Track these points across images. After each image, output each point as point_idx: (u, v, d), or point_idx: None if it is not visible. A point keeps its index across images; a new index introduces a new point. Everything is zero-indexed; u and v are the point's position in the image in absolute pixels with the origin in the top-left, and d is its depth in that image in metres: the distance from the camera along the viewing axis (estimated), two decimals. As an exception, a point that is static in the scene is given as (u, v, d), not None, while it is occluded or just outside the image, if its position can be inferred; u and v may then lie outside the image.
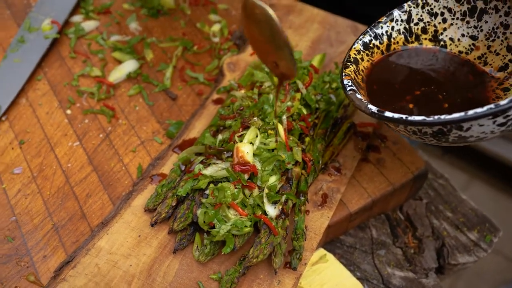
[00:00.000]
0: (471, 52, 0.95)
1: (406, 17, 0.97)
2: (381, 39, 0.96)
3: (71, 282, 0.83)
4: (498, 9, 0.90)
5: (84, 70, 1.19)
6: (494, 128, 0.75)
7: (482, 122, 0.73)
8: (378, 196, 1.00)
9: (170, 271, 0.85)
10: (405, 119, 0.75)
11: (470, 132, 0.75)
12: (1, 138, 1.07)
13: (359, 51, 0.93)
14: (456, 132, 0.76)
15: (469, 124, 0.74)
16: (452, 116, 0.71)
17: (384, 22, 0.96)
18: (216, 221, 0.82)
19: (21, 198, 0.97)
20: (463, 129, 0.75)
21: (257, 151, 0.89)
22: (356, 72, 0.90)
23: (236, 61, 1.18)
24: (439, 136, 0.79)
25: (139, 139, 1.07)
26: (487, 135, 0.77)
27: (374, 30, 0.95)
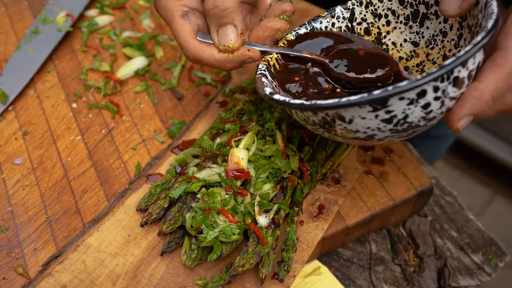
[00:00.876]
0: (411, 59, 0.91)
1: (349, 15, 0.93)
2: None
3: (57, 277, 0.83)
4: (438, 15, 0.87)
5: (93, 64, 1.19)
6: (379, 125, 0.71)
7: (363, 114, 0.70)
8: (378, 210, 0.97)
9: (156, 274, 0.84)
10: (287, 102, 0.73)
11: (355, 125, 0.72)
12: (6, 128, 1.08)
13: (290, 41, 0.90)
14: (340, 124, 0.73)
15: (350, 115, 0.70)
16: (326, 102, 0.68)
17: (324, 17, 0.93)
18: (204, 226, 0.80)
19: (18, 189, 0.98)
20: (345, 120, 0.71)
21: (252, 158, 0.87)
22: (280, 61, 0.88)
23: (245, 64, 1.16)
24: (327, 127, 0.75)
25: (141, 137, 1.06)
26: (375, 132, 0.73)
27: (312, 24, 0.92)
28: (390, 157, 1.04)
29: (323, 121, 0.74)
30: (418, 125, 0.73)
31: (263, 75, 0.82)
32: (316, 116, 0.74)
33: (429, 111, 0.70)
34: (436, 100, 0.69)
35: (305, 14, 1.28)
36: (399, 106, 0.68)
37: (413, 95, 0.67)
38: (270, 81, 0.82)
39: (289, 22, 0.88)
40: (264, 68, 0.84)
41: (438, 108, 0.71)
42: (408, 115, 0.70)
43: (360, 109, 0.69)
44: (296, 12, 1.28)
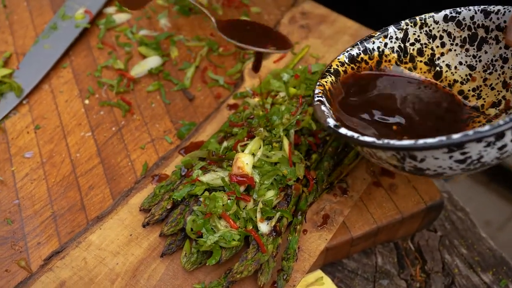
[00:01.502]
0: (466, 83, 0.89)
1: (402, 36, 0.91)
2: (371, 54, 0.91)
3: (57, 273, 0.83)
4: (498, 40, 0.84)
5: (108, 61, 1.20)
6: (452, 165, 0.70)
7: (437, 155, 0.68)
8: (384, 223, 0.95)
9: (155, 275, 0.83)
10: (356, 139, 0.71)
11: (426, 164, 0.71)
12: (19, 121, 1.09)
13: (343, 63, 0.89)
14: (410, 162, 0.71)
15: (423, 155, 0.69)
16: (401, 143, 0.67)
17: (377, 37, 0.91)
18: (204, 230, 0.79)
19: (27, 182, 0.99)
20: (417, 159, 0.70)
21: (257, 163, 0.86)
22: (334, 84, 0.86)
23: (258, 67, 1.15)
24: (394, 163, 0.74)
25: (150, 136, 1.06)
26: (446, 171, 0.72)
27: (365, 44, 0.90)
28: (401, 169, 1.02)
29: (392, 158, 0.73)
30: (490, 164, 0.72)
31: (321, 102, 0.79)
32: (385, 153, 0.73)
33: (505, 151, 0.69)
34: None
35: (323, 20, 1.26)
36: (475, 148, 0.67)
37: (491, 138, 0.66)
38: (328, 108, 0.80)
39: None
40: (320, 94, 0.81)
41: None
42: (483, 156, 0.69)
43: (435, 151, 0.67)
44: (314, 17, 1.27)
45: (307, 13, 1.28)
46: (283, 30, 1.24)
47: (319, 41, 1.22)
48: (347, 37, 1.23)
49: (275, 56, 1.17)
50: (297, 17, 1.27)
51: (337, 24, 1.25)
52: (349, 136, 0.72)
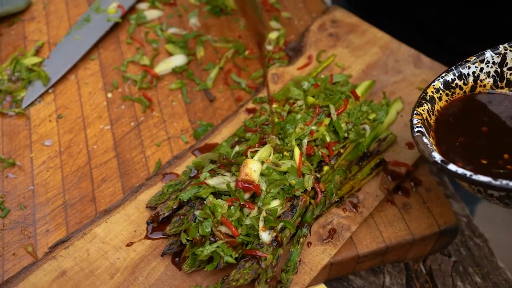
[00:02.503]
0: None
1: (500, 60, 0.88)
2: (465, 80, 0.87)
3: (60, 261, 0.84)
4: None
5: (134, 57, 1.21)
6: None
7: None
8: (393, 243, 0.92)
9: (154, 273, 0.84)
10: (469, 177, 0.68)
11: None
12: (43, 109, 1.12)
13: (438, 89, 0.86)
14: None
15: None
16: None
17: (473, 62, 0.87)
18: (199, 236, 0.79)
19: (43, 170, 1.01)
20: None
21: (266, 171, 0.85)
22: (430, 112, 0.83)
23: (282, 73, 1.14)
24: (506, 202, 0.71)
25: (167, 134, 1.07)
26: None
27: (460, 69, 0.87)
28: (417, 189, 0.98)
29: (506, 197, 0.70)
30: None
31: (421, 134, 0.76)
32: (498, 192, 0.70)
33: None
34: None
35: (353, 29, 1.24)
36: None
37: None
38: (429, 139, 0.76)
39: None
40: (419, 124, 0.78)
41: None
42: None
43: None
44: (344, 26, 1.24)
45: (338, 21, 1.26)
46: (311, 37, 1.22)
47: (347, 50, 1.19)
48: (376, 48, 1.20)
49: (299, 63, 1.16)
50: (327, 25, 1.25)
51: (367, 34, 1.23)
52: (459, 174, 0.68)
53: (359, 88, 1.06)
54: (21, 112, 1.10)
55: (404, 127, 1.04)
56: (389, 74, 1.15)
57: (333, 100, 0.96)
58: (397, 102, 1.06)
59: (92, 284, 0.82)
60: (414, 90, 1.11)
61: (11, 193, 0.97)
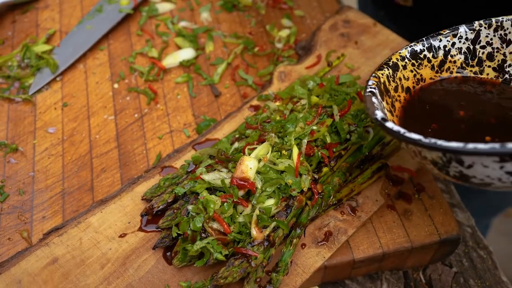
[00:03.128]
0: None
1: (473, 37, 0.85)
2: (435, 53, 0.86)
3: (52, 248, 0.84)
4: None
5: (143, 49, 1.21)
6: (501, 176, 0.64)
7: (486, 162, 0.63)
8: (391, 250, 0.89)
9: (144, 266, 0.83)
10: (402, 134, 0.67)
11: (473, 171, 0.65)
12: (50, 97, 1.12)
13: (403, 57, 0.84)
14: (456, 166, 0.66)
15: (471, 161, 0.64)
16: (449, 144, 0.62)
17: (445, 35, 0.85)
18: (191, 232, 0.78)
19: (44, 157, 1.02)
20: (464, 164, 0.65)
21: (262, 169, 0.84)
22: (390, 78, 0.82)
23: (289, 72, 1.12)
24: (439, 165, 0.69)
25: (170, 127, 1.06)
26: (494, 182, 0.66)
27: (430, 41, 0.85)
28: (419, 196, 0.96)
29: (438, 160, 0.69)
30: None
31: (372, 94, 0.76)
32: (430, 153, 0.69)
33: None
34: None
35: (366, 30, 1.21)
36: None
37: None
38: (379, 101, 0.77)
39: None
40: (374, 85, 0.78)
41: None
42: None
43: (486, 158, 0.63)
44: (357, 26, 1.22)
45: (350, 22, 1.24)
46: (322, 36, 1.20)
47: (358, 51, 1.17)
48: (387, 50, 1.17)
49: (308, 62, 1.14)
50: (339, 25, 1.23)
51: (379, 36, 1.20)
52: (394, 131, 0.68)
53: (366, 90, 1.03)
54: (27, 98, 1.11)
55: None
56: (399, 77, 1.12)
57: (337, 100, 0.94)
58: (404, 106, 1.04)
59: (82, 273, 0.82)
60: (423, 95, 1.08)
61: (11, 178, 0.98)
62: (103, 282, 0.81)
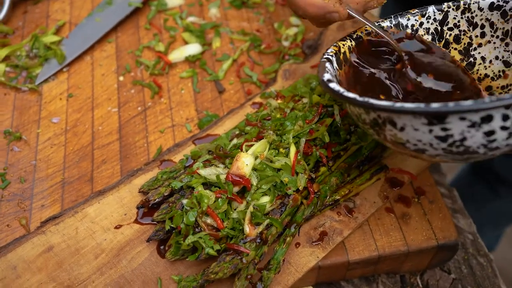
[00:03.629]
0: (497, 79, 0.82)
1: (441, 18, 0.86)
2: (402, 31, 0.86)
3: (48, 237, 0.85)
4: None
5: (150, 42, 1.22)
6: (432, 141, 0.64)
7: (416, 125, 0.64)
8: (387, 252, 0.89)
9: (138, 258, 0.83)
10: (340, 93, 0.69)
11: (405, 134, 0.66)
12: (56, 87, 1.14)
13: (369, 32, 0.86)
14: (391, 130, 0.67)
15: (402, 123, 0.65)
16: (379, 102, 0.63)
17: (414, 14, 0.86)
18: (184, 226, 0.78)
19: (47, 146, 1.03)
20: (396, 126, 0.66)
21: (259, 166, 0.83)
22: (353, 50, 0.84)
23: (294, 70, 1.12)
24: (376, 129, 0.70)
25: (172, 121, 1.07)
26: (426, 148, 0.66)
27: (398, 19, 0.86)
28: (419, 199, 0.95)
29: (374, 122, 0.70)
30: (476, 151, 0.65)
31: (328, 60, 0.79)
32: (368, 116, 0.70)
33: (492, 139, 0.63)
34: (503, 130, 0.61)
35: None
36: (457, 126, 0.62)
37: (476, 118, 0.60)
38: (334, 68, 0.78)
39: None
40: (332, 53, 0.80)
41: (504, 139, 0.63)
42: (466, 138, 0.63)
43: (414, 119, 0.64)
44: (364, 26, 1.21)
45: (359, 22, 1.22)
46: (328, 35, 1.19)
47: (364, 52, 1.16)
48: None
49: (313, 61, 1.14)
50: (347, 24, 1.22)
51: (387, 37, 1.19)
52: (335, 91, 0.70)
53: (370, 90, 1.03)
54: (34, 88, 1.12)
55: (413, 135, 1.01)
56: (405, 79, 1.11)
57: (339, 100, 0.94)
58: (408, 108, 1.03)
59: (76, 262, 0.82)
60: (429, 98, 1.07)
61: (14, 165, 0.99)
62: (96, 272, 0.82)
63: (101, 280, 0.81)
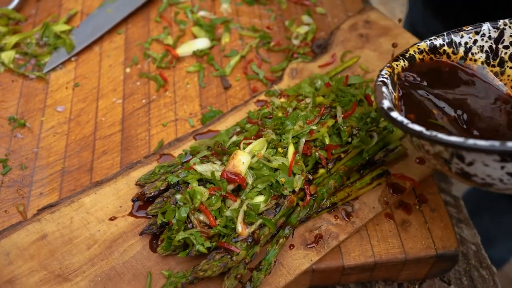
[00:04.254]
0: None
1: (497, 36, 0.82)
2: (455, 49, 0.83)
3: (43, 224, 0.86)
4: None
5: (159, 35, 1.21)
6: (503, 177, 0.63)
7: (487, 161, 0.62)
8: (383, 259, 0.87)
9: (130, 251, 0.83)
10: (405, 125, 0.67)
11: (474, 169, 0.65)
12: (63, 76, 1.14)
13: (422, 50, 0.83)
14: (458, 163, 0.66)
15: (471, 158, 0.63)
16: (449, 138, 0.62)
17: (467, 32, 0.83)
18: (175, 222, 0.78)
19: (50, 134, 1.03)
20: (464, 161, 0.64)
21: (255, 165, 0.82)
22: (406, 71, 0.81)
23: (301, 69, 1.10)
24: (442, 161, 0.69)
25: (175, 115, 1.06)
26: (495, 183, 0.65)
27: (452, 36, 0.83)
28: (420, 207, 0.92)
29: (440, 154, 0.68)
30: None
31: (384, 83, 0.75)
32: (433, 148, 0.68)
33: None
34: None
35: (386, 33, 1.18)
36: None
37: None
38: (390, 91, 0.76)
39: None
40: (387, 75, 0.77)
41: None
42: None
43: (486, 156, 0.62)
44: (377, 28, 1.19)
45: (371, 23, 1.20)
46: (340, 36, 1.17)
47: (375, 54, 1.14)
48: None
49: (322, 60, 1.12)
50: (359, 25, 1.20)
51: (399, 39, 1.16)
52: (398, 121, 0.68)
53: (376, 93, 1.00)
54: (41, 76, 1.13)
55: (418, 141, 0.98)
56: (415, 83, 1.08)
57: (342, 101, 0.92)
58: (416, 113, 1.00)
59: (69, 252, 0.83)
60: (438, 103, 1.04)
61: (16, 152, 1.00)
62: (87, 263, 0.82)
63: (92, 271, 0.81)
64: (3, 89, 1.11)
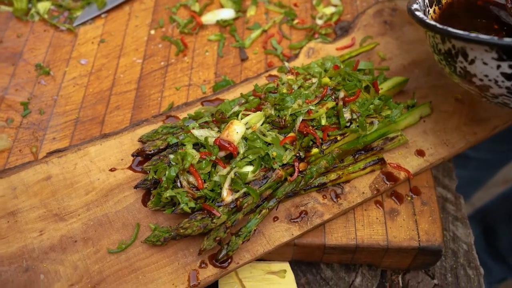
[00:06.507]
0: None
1: None
2: None
3: (49, 167, 0.92)
4: None
5: (187, 1, 1.24)
6: (498, 77, 0.71)
7: (486, 59, 0.70)
8: (365, 244, 0.88)
9: (123, 202, 0.88)
10: (423, 20, 0.76)
11: (474, 68, 0.73)
12: (91, 31, 1.19)
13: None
14: (462, 61, 0.75)
15: (473, 55, 0.72)
16: (456, 31, 0.70)
17: None
18: (165, 180, 0.82)
19: (70, 84, 1.09)
20: (467, 58, 0.73)
21: (250, 136, 0.85)
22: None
23: (318, 49, 1.11)
24: (449, 60, 0.78)
25: (190, 80, 1.10)
26: (491, 84, 0.73)
27: None
28: (412, 199, 0.93)
29: (448, 52, 0.77)
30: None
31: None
32: (443, 45, 0.78)
33: None
34: None
35: (411, 22, 1.16)
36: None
37: None
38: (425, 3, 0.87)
39: None
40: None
41: None
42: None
43: (485, 53, 0.70)
44: (403, 17, 1.17)
45: (398, 11, 1.19)
46: (363, 20, 1.17)
47: (396, 42, 1.13)
48: (427, 47, 1.12)
49: (341, 42, 1.12)
50: (385, 11, 1.19)
51: (422, 31, 1.15)
52: (420, 17, 0.77)
53: (387, 82, 1.00)
54: (71, 29, 1.18)
55: (422, 133, 0.98)
56: (432, 76, 1.07)
57: (347, 85, 0.93)
58: (424, 106, 1.00)
59: (68, 195, 0.89)
60: (450, 99, 1.03)
61: (37, 97, 1.07)
62: (83, 207, 0.87)
63: (86, 215, 0.87)
64: (35, 37, 1.18)
